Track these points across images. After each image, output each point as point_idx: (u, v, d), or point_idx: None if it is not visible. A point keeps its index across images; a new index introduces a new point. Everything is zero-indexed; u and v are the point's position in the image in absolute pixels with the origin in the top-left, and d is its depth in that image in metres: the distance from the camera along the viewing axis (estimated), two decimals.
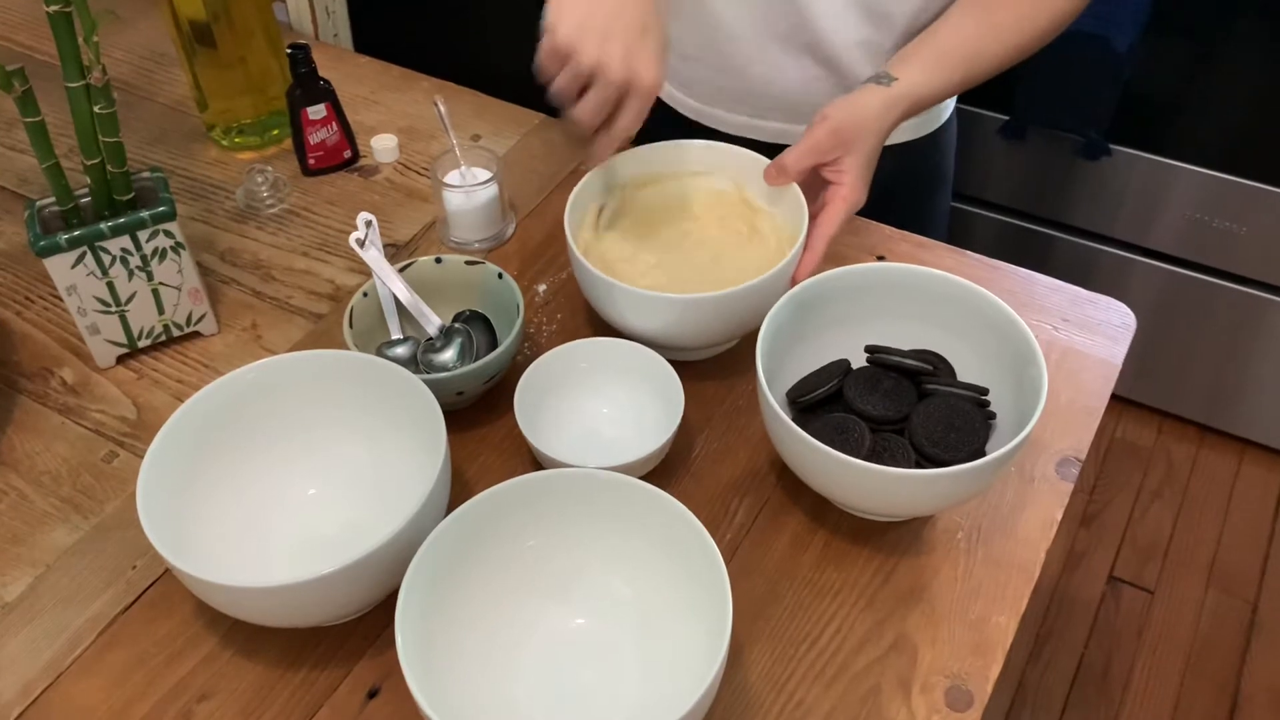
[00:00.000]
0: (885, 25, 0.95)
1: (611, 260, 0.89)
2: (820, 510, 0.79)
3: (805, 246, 0.83)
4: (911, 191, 1.12)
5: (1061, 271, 0.97)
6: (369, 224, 0.87)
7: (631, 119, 0.80)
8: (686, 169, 0.93)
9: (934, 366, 0.79)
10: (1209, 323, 1.83)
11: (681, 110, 1.09)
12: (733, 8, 0.97)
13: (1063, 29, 0.92)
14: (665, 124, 1.08)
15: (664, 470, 0.81)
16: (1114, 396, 2.11)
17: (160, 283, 0.88)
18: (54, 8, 0.75)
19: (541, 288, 0.96)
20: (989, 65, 0.90)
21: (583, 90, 0.78)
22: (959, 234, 1.94)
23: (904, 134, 1.06)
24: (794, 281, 0.82)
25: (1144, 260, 1.82)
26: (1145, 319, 1.82)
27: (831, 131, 0.84)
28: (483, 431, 0.85)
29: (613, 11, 0.77)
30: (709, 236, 0.92)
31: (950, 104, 1.10)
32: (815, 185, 0.87)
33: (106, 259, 0.84)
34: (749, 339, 0.83)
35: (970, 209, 1.90)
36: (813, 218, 0.84)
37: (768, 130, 1.05)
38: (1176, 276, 1.81)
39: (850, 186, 0.84)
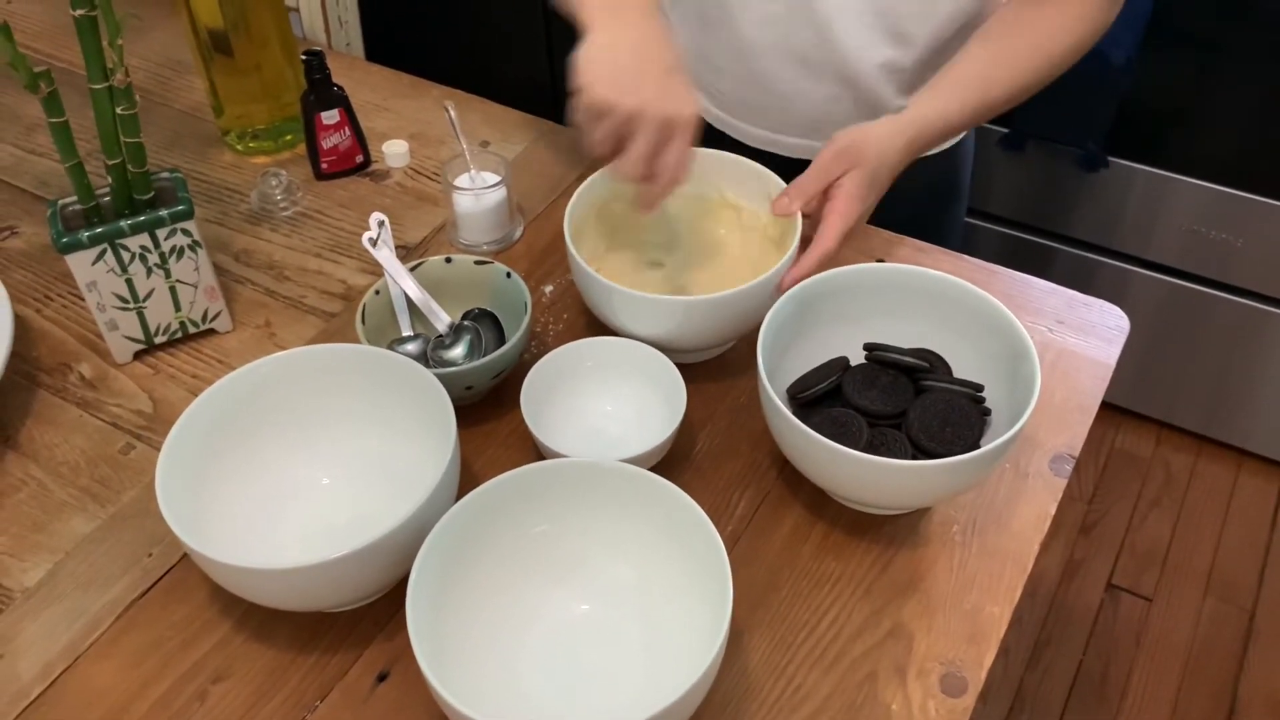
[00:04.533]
0: (906, 46, 0.97)
1: (611, 264, 0.92)
2: (819, 503, 0.81)
3: (800, 259, 0.84)
4: (929, 207, 1.14)
5: (1061, 282, 0.98)
6: (381, 224, 0.90)
7: (680, 156, 0.79)
8: (700, 175, 0.95)
9: (930, 364, 0.81)
10: (1207, 333, 1.85)
11: (708, 119, 1.11)
12: (759, 26, 0.99)
13: (1079, 56, 0.93)
14: None
15: (667, 465, 0.83)
16: (1113, 406, 2.13)
17: (177, 280, 0.90)
18: (79, 12, 0.78)
19: (548, 288, 0.98)
20: (1004, 91, 0.91)
21: (623, 142, 0.78)
22: (962, 244, 1.96)
23: None
24: (780, 289, 0.82)
25: (1143, 271, 1.84)
26: (1144, 329, 1.85)
27: (837, 152, 0.86)
28: (490, 427, 0.87)
29: (636, 57, 0.78)
30: (706, 243, 0.94)
31: None
32: (818, 205, 0.89)
33: (126, 256, 0.87)
34: (748, 340, 0.85)
35: (971, 220, 1.92)
36: (809, 236, 0.86)
37: (789, 145, 1.07)
38: (1175, 288, 1.83)
39: (844, 201, 0.85)
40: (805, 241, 0.86)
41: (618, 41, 0.79)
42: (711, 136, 1.11)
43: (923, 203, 1.13)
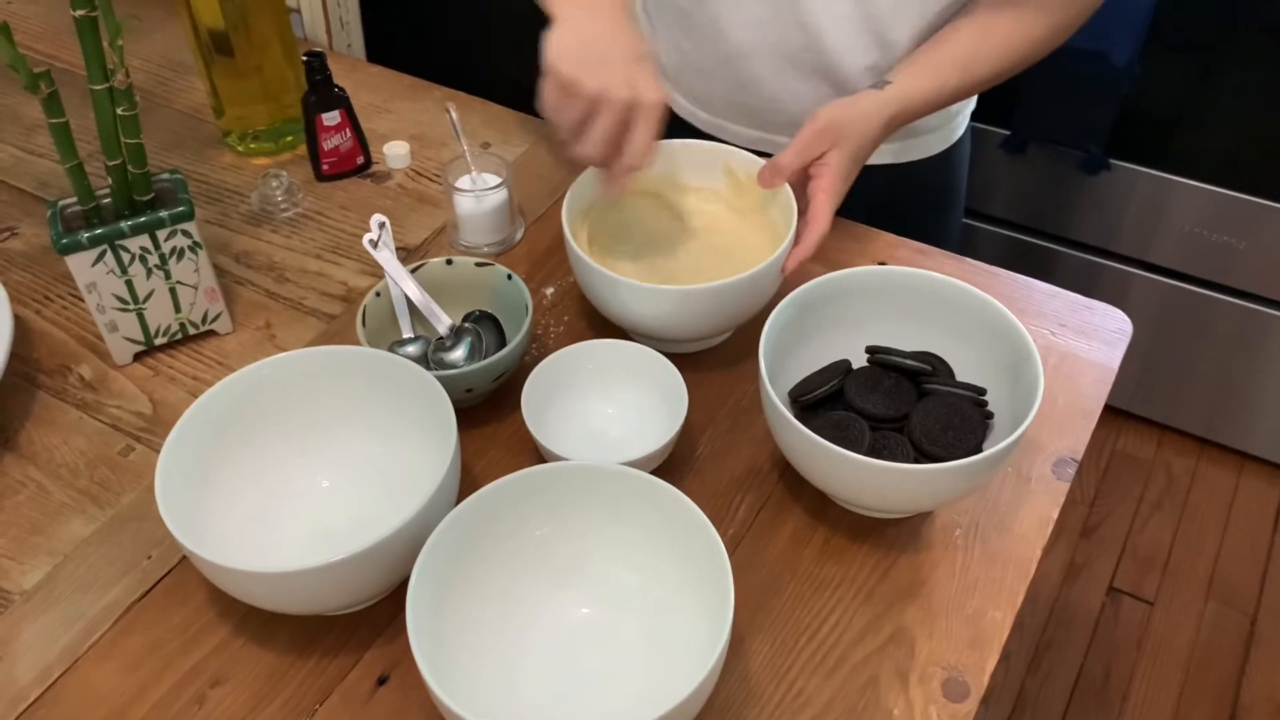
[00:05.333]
0: (893, 49, 0.97)
1: (608, 252, 0.92)
2: (820, 507, 0.81)
3: (798, 241, 0.86)
4: (925, 209, 1.14)
5: (1063, 284, 0.98)
6: (382, 225, 0.89)
7: (643, 139, 0.80)
8: (684, 164, 0.95)
9: (933, 367, 0.81)
10: (1209, 336, 1.85)
11: (694, 123, 1.11)
12: (746, 29, 0.99)
13: (1061, 41, 0.94)
14: (677, 134, 1.10)
15: (668, 468, 0.83)
16: (1114, 409, 2.13)
17: (177, 281, 0.90)
18: (80, 12, 0.78)
19: (549, 290, 0.98)
20: (985, 73, 0.92)
21: (587, 124, 0.80)
22: (961, 247, 1.96)
23: (917, 152, 1.08)
24: (783, 271, 0.85)
25: (1144, 274, 1.84)
26: (1145, 332, 1.85)
27: (819, 131, 0.87)
28: (491, 429, 0.87)
29: (606, 42, 0.80)
30: (706, 231, 0.95)
31: (963, 123, 1.12)
32: (803, 183, 0.89)
33: (126, 257, 0.86)
34: (750, 338, 0.85)
35: (972, 223, 1.92)
36: (800, 215, 0.87)
37: (778, 145, 1.07)
38: (1176, 290, 1.83)
39: (830, 180, 0.87)
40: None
41: (585, 27, 0.81)
42: (700, 138, 1.10)
43: (919, 207, 1.13)
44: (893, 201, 1.07)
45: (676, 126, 1.12)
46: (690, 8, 1.01)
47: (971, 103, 1.11)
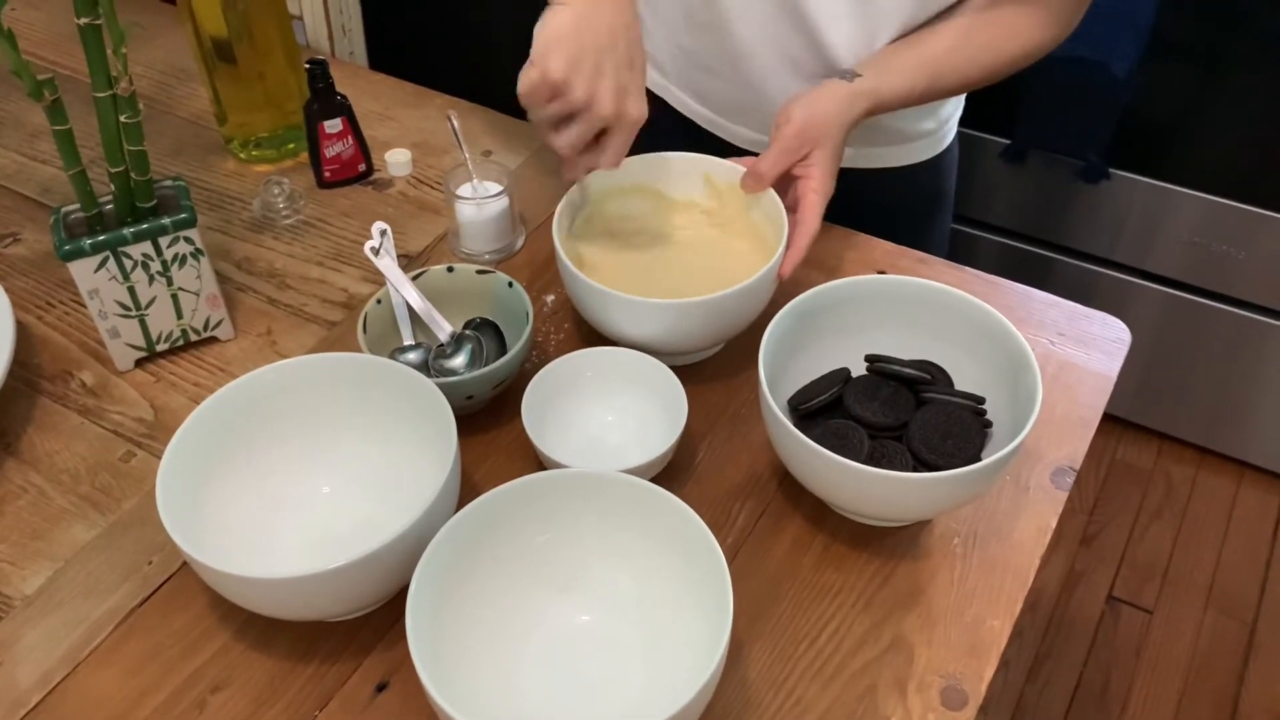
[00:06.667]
0: None
1: (597, 267, 0.92)
2: (820, 515, 0.81)
3: (789, 244, 0.86)
4: (913, 215, 1.14)
5: (1062, 293, 0.99)
6: (384, 233, 0.90)
7: (616, 154, 0.82)
8: (665, 177, 0.96)
9: (932, 375, 0.81)
10: (1208, 346, 1.85)
11: (693, 118, 1.11)
12: (750, 28, 1.00)
13: (1034, 60, 0.95)
14: (675, 131, 1.11)
15: (668, 475, 0.83)
16: (1114, 418, 2.14)
17: (179, 288, 0.90)
18: (84, 20, 0.78)
19: (550, 298, 0.99)
20: (956, 80, 0.93)
21: (564, 118, 0.80)
22: (961, 256, 1.96)
23: (906, 158, 1.09)
24: (781, 276, 0.86)
25: (1144, 283, 1.84)
26: (1145, 341, 1.86)
27: (797, 133, 0.88)
28: (491, 436, 0.87)
29: (603, 45, 0.78)
30: (690, 242, 0.95)
31: (951, 130, 1.12)
32: (784, 181, 0.90)
33: (128, 264, 0.87)
34: (746, 347, 0.85)
35: (972, 231, 1.92)
36: (789, 214, 0.88)
37: None
38: (1176, 300, 1.83)
39: (819, 179, 0.88)
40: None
41: (588, 21, 0.78)
42: (698, 135, 1.11)
43: (907, 213, 1.13)
44: (883, 207, 1.08)
45: (674, 124, 1.12)
46: (696, 3, 1.01)
47: (959, 110, 1.12)
